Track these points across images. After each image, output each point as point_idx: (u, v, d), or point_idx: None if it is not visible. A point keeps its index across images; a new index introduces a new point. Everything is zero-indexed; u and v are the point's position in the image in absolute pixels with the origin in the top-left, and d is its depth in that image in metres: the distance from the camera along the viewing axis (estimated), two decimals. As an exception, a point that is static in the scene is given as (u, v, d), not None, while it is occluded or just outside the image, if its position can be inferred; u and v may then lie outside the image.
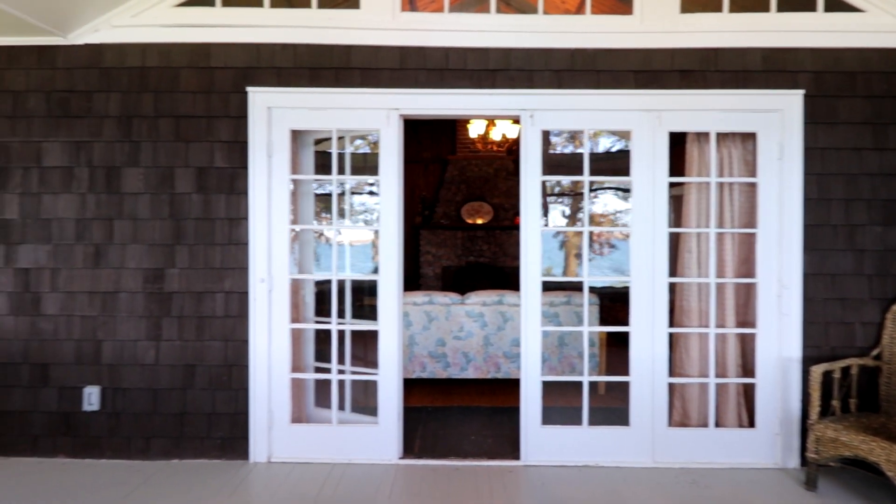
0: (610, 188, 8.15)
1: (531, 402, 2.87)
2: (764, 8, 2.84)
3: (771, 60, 2.83)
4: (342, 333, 2.95)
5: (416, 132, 7.45)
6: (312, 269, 3.23)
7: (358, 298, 3.17)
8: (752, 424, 2.89)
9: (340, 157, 2.91)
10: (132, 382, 2.86)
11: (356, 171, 3.00)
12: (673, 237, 2.91)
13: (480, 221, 7.57)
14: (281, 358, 2.87)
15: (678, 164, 2.99)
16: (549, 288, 3.00)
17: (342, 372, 2.95)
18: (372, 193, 7.81)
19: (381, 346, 2.88)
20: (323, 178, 3.03)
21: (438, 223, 7.61)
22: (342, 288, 2.96)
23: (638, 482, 2.66)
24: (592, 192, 7.52)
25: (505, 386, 4.20)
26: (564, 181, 8.25)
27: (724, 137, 2.92)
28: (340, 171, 2.91)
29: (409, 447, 3.01)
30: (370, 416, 2.96)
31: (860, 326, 2.81)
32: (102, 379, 2.86)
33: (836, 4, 2.81)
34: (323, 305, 3.24)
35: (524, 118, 2.87)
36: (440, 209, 7.67)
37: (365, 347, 3.28)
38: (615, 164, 7.77)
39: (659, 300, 2.85)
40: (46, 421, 2.87)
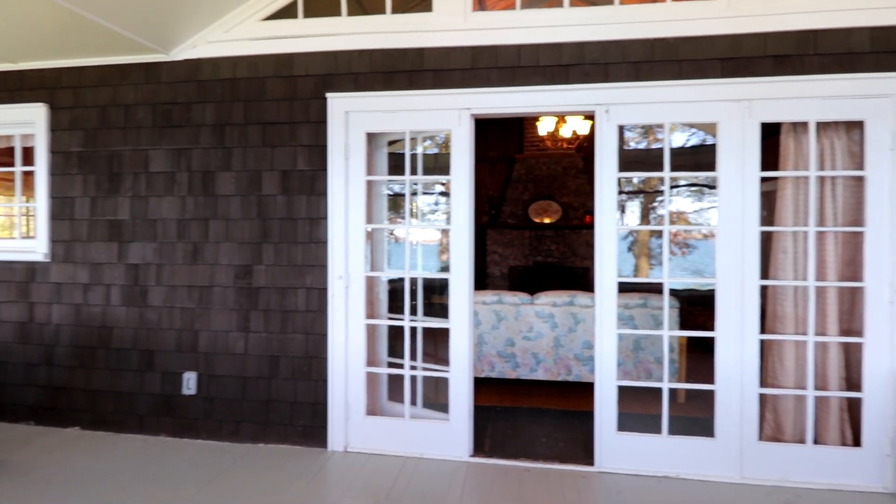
0: (683, 185, 7.71)
1: (606, 406, 2.78)
2: (874, -18, 2.57)
3: (881, 40, 2.55)
4: (414, 330, 3.02)
5: (482, 131, 7.45)
6: (385, 267, 3.33)
7: (427, 296, 3.23)
8: (857, 443, 2.62)
9: (413, 157, 2.98)
10: (224, 370, 3.10)
11: (427, 171, 3.05)
12: (764, 237, 2.70)
13: (548, 221, 7.43)
14: (357, 352, 2.98)
15: (770, 157, 2.77)
16: (623, 289, 2.88)
17: (414, 368, 3.02)
18: (444, 194, 7.91)
19: (452, 344, 2.92)
20: (396, 178, 3.11)
21: (505, 222, 7.56)
22: (414, 286, 3.03)
23: (724, 498, 2.50)
24: (669, 189, 7.17)
25: (576, 389, 4.10)
26: (635, 179, 7.91)
27: (825, 127, 2.67)
28: (413, 171, 2.98)
29: (479, 445, 3.02)
30: (441, 412, 3.00)
31: None
32: (199, 366, 3.12)
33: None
34: (394, 302, 3.33)
35: (599, 113, 2.78)
36: (507, 208, 7.62)
37: (435, 344, 3.34)
38: (691, 159, 7.35)
39: (749, 304, 2.65)
40: (151, 402, 3.17)
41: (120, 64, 3.18)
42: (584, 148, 7.39)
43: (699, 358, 4.20)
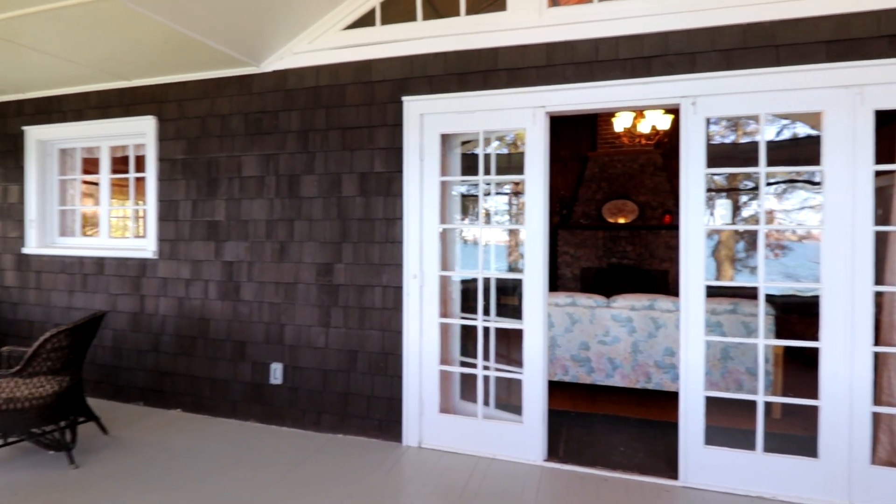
0: (773, 182, 7.09)
1: (692, 418, 2.62)
2: None
3: None
4: (487, 330, 3.01)
5: (554, 130, 7.28)
6: (457, 267, 3.35)
7: (498, 297, 3.21)
8: None
9: (486, 157, 2.97)
10: (307, 362, 3.27)
11: (499, 171, 3.03)
12: (879, 237, 2.42)
13: (623, 221, 7.13)
14: (431, 350, 3.03)
15: (885, 148, 2.47)
16: (709, 294, 2.70)
17: (487, 368, 3.02)
18: (516, 194, 7.84)
19: (525, 345, 2.88)
20: (469, 178, 3.12)
21: (577, 223, 7.35)
22: (487, 286, 3.03)
23: (829, 524, 2.26)
24: (758, 186, 6.64)
25: (656, 398, 3.90)
26: (717, 177, 7.37)
27: (958, 112, 2.34)
28: (486, 171, 2.98)
29: (553, 450, 2.96)
30: (513, 413, 2.97)
31: None
32: (285, 357, 3.32)
33: None
34: (466, 302, 3.35)
35: (684, 106, 2.63)
36: (579, 208, 7.41)
37: (508, 345, 3.31)
38: (783, 153, 6.76)
39: (860, 312, 2.39)
40: (242, 390, 3.42)
41: (217, 77, 3.47)
42: (662, 144, 7.02)
43: (797, 370, 3.85)
